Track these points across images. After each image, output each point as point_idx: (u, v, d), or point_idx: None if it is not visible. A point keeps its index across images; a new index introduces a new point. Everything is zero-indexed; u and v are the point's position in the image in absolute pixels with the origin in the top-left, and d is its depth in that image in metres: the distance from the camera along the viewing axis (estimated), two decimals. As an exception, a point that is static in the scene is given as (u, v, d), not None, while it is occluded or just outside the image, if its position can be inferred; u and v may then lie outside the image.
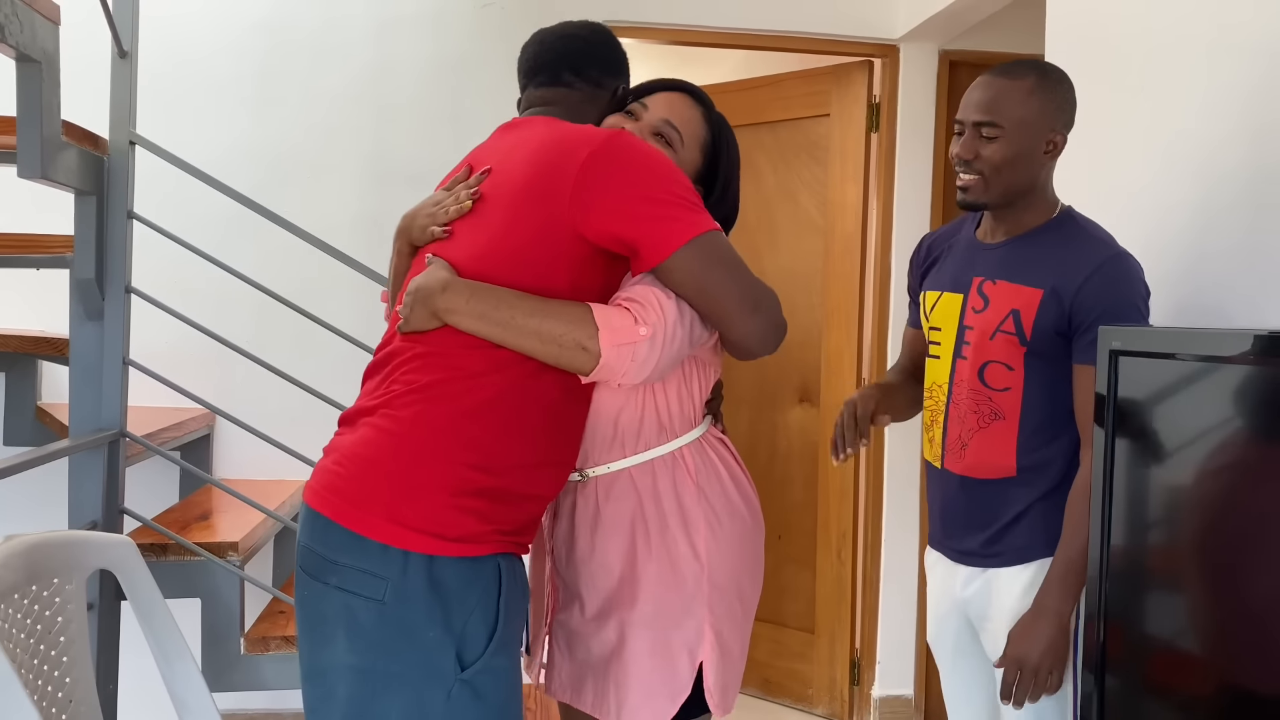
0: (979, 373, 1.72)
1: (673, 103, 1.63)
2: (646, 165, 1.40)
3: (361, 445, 1.35)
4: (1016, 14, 2.96)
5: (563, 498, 1.57)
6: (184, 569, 2.35)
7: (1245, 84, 1.74)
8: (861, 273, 3.37)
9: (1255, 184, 1.70)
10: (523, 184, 1.40)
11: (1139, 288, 1.64)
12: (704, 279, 1.37)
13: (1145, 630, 1.49)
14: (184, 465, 2.59)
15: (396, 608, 1.29)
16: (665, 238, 1.36)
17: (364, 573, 1.30)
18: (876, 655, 3.40)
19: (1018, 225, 1.73)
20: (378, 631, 1.30)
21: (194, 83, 3.11)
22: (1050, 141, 1.69)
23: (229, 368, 2.61)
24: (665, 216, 1.37)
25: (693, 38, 3.34)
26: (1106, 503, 1.50)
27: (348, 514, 1.32)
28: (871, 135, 3.35)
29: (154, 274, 2.61)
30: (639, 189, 1.38)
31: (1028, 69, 1.71)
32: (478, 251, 1.40)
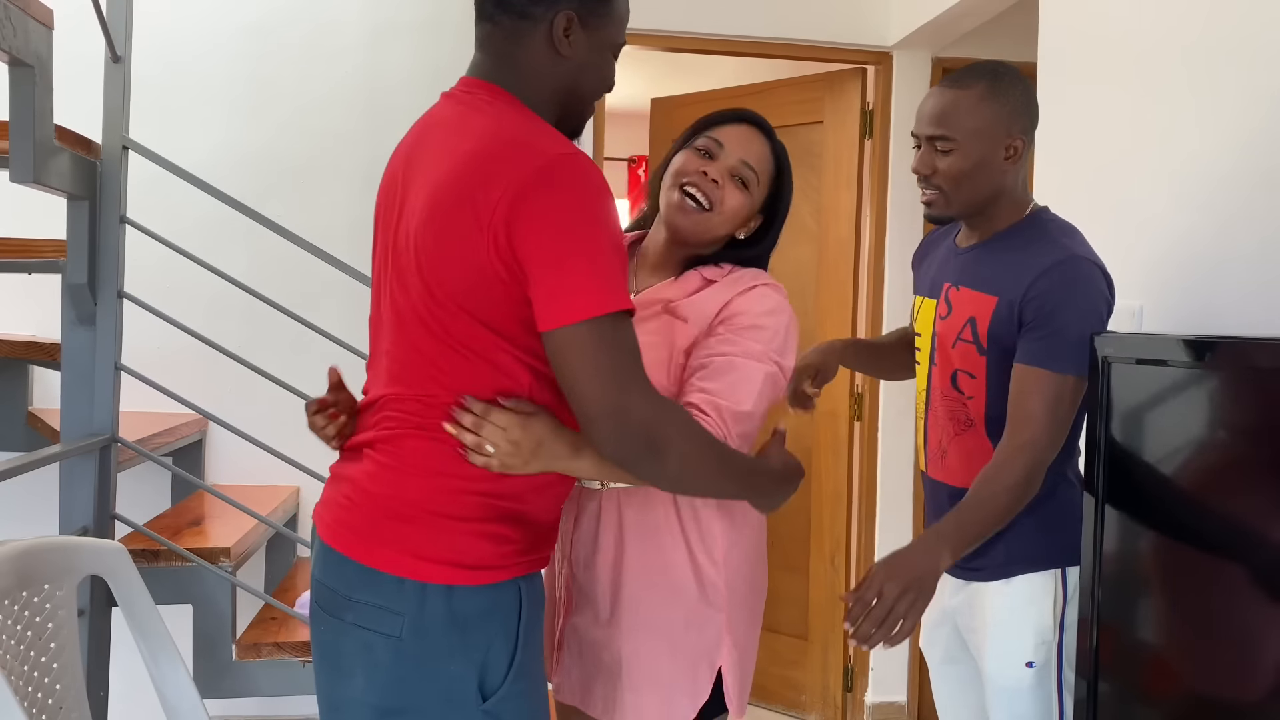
0: (951, 379, 1.71)
1: (748, 141, 1.56)
2: (582, 211, 1.20)
3: (369, 480, 1.30)
4: (1009, 21, 2.98)
5: (585, 504, 1.54)
6: (175, 575, 2.35)
7: (1237, 91, 1.75)
8: (855, 278, 3.37)
9: (1246, 190, 1.71)
10: (450, 213, 1.23)
11: (1090, 298, 1.57)
12: (575, 364, 1.19)
13: (1137, 636, 1.49)
14: (176, 471, 2.58)
15: (414, 643, 1.25)
16: (565, 306, 1.18)
17: (380, 609, 1.25)
18: (869, 662, 3.40)
19: (988, 229, 1.71)
20: (396, 668, 1.26)
21: (187, 87, 3.11)
22: (1010, 147, 1.63)
23: (222, 373, 2.60)
24: (574, 282, 1.18)
25: (687, 44, 3.35)
26: (1099, 509, 1.50)
27: (362, 549, 1.28)
28: (865, 142, 3.36)
29: (146, 278, 2.60)
30: (562, 239, 1.18)
31: (978, 75, 1.65)
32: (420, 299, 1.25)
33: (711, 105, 1.70)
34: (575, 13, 1.30)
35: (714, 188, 1.52)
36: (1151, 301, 1.90)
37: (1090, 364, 1.52)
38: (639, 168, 6.41)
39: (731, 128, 1.57)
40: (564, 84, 1.34)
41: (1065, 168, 2.24)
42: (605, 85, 1.41)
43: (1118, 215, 2.03)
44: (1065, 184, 2.23)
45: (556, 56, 1.32)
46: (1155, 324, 1.88)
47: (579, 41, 1.32)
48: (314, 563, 1.36)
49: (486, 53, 1.34)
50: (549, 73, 1.32)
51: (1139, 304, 1.91)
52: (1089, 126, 2.16)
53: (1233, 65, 1.75)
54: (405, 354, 1.30)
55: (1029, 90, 1.68)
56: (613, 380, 1.19)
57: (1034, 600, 1.64)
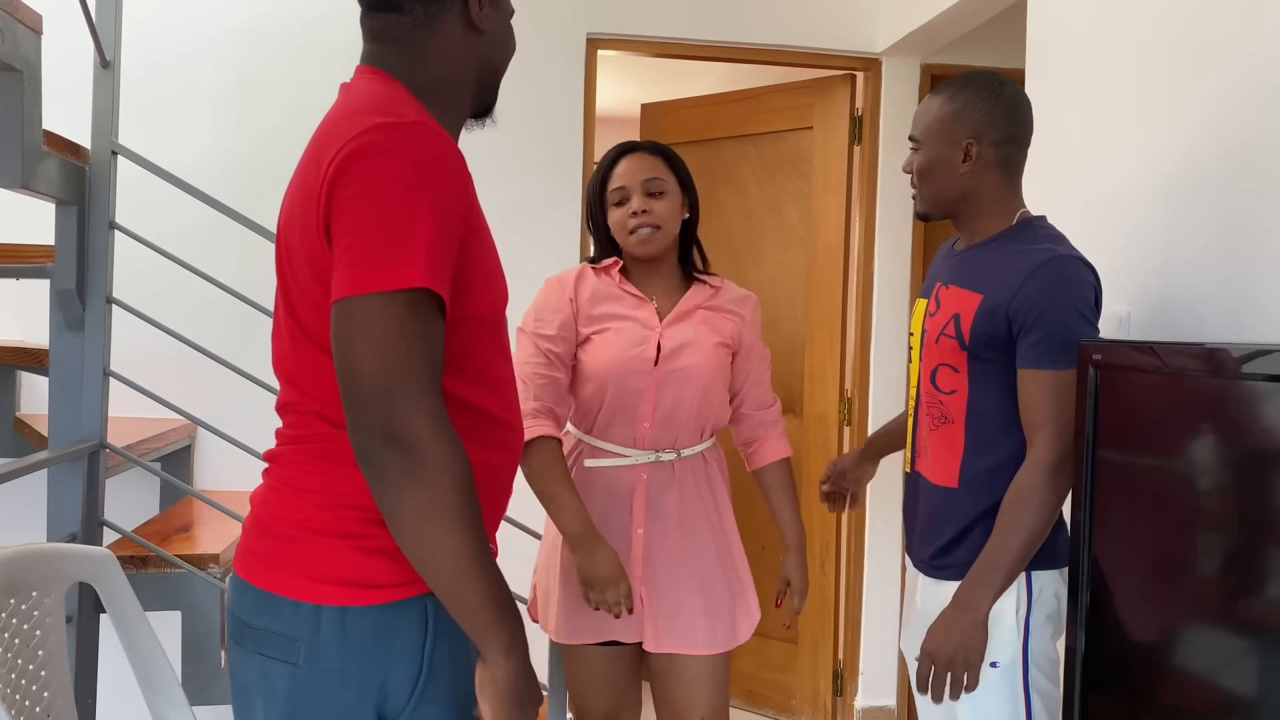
0: (931, 376, 1.75)
1: (632, 166, 1.99)
2: (396, 180, 1.11)
3: (260, 503, 1.27)
4: (997, 28, 2.99)
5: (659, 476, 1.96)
6: (164, 581, 2.34)
7: (1220, 96, 1.76)
8: (844, 284, 3.38)
9: (1227, 195, 1.72)
10: (293, 198, 1.21)
11: (1081, 290, 1.61)
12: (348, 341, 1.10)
13: (1126, 640, 1.50)
14: (164, 476, 2.57)
15: (309, 670, 1.18)
16: (356, 277, 1.09)
17: (278, 635, 1.19)
18: (859, 666, 3.41)
19: (976, 234, 1.75)
20: (291, 698, 1.19)
21: (177, 92, 3.10)
22: (966, 150, 1.69)
23: (211, 378, 2.59)
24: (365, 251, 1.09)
25: (677, 50, 3.36)
26: (1087, 513, 1.51)
27: (259, 574, 1.22)
28: (854, 148, 3.38)
29: (135, 283, 2.60)
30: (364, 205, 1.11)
31: (953, 83, 1.74)
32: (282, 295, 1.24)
33: (702, 110, 1.78)
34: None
35: (649, 215, 1.95)
36: (1139, 308, 1.91)
37: (1078, 370, 1.53)
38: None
39: (617, 169, 2.00)
40: (481, 58, 1.32)
41: (1053, 173, 2.25)
42: (512, 53, 1.39)
43: (1105, 221, 2.04)
44: (1053, 190, 2.24)
45: (474, 34, 1.30)
46: (1143, 329, 1.89)
47: (491, 13, 1.31)
48: (229, 597, 1.30)
49: (382, 41, 1.29)
50: (467, 52, 1.30)
51: (1127, 310, 1.92)
52: (1076, 133, 2.18)
53: (1216, 71, 1.76)
54: (278, 356, 1.29)
55: (1004, 100, 1.71)
56: (392, 363, 1.08)
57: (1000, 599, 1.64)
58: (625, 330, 1.95)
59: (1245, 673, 1.28)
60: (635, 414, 1.94)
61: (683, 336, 1.95)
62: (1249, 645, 1.27)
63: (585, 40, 3.25)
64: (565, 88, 3.24)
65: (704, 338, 1.96)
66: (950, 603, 1.64)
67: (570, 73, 3.25)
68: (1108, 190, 2.06)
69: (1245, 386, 1.28)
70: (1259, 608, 1.25)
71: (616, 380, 1.92)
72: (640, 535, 1.95)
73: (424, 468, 1.08)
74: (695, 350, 1.95)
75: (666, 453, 1.96)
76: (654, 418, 1.94)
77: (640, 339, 1.94)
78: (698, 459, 2.00)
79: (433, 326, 1.12)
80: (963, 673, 1.60)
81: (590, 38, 3.26)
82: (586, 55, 3.25)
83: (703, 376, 1.95)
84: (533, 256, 3.22)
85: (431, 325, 1.12)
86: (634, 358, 1.93)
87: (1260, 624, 1.25)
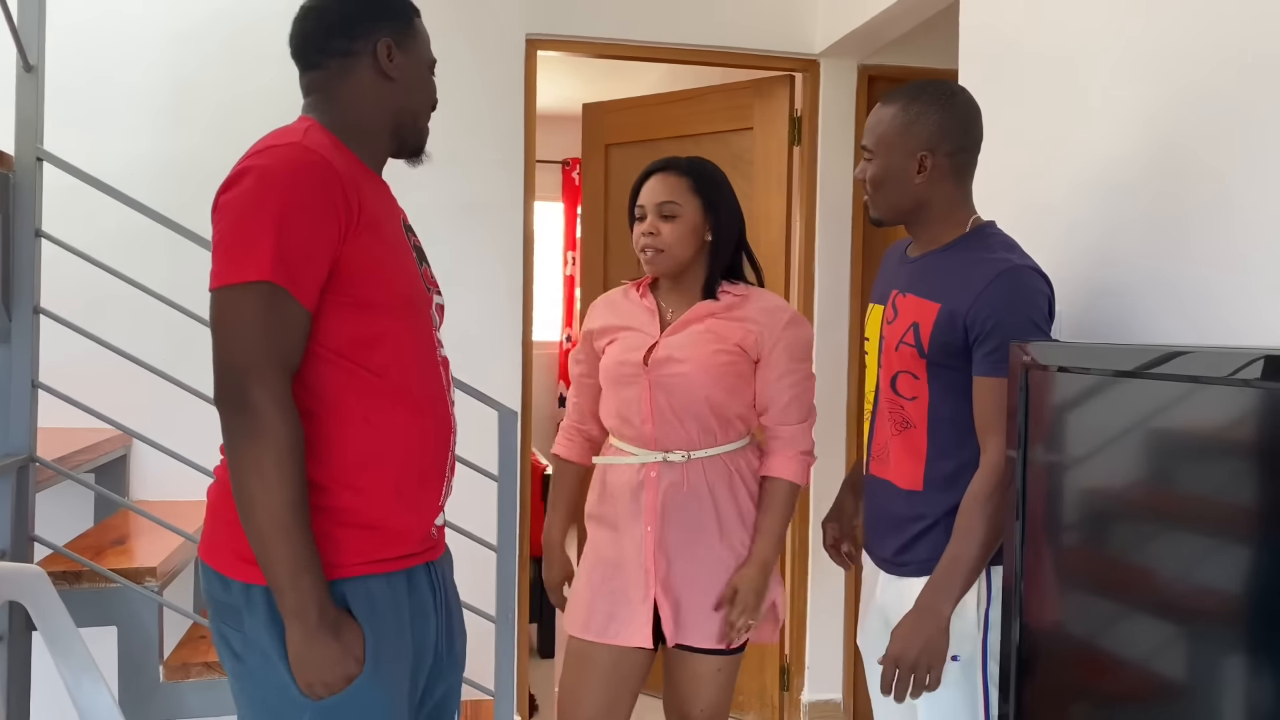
0: (891, 382, 1.78)
1: (655, 187, 2.08)
2: (253, 191, 1.33)
3: (212, 486, 1.46)
4: (933, 30, 3.04)
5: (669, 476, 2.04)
6: (99, 596, 2.28)
7: (1148, 101, 1.81)
8: (786, 282, 3.41)
9: (1155, 200, 1.77)
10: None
11: (1035, 300, 1.66)
12: (212, 327, 1.35)
13: (1060, 633, 1.54)
14: (97, 489, 2.51)
15: (254, 634, 1.36)
16: (212, 273, 1.34)
17: (226, 605, 1.38)
18: (805, 661, 3.45)
19: (930, 241, 1.78)
20: (247, 658, 1.37)
21: (107, 96, 3.02)
22: (921, 161, 1.72)
23: (145, 386, 2.54)
24: (222, 252, 1.33)
25: (617, 51, 3.36)
26: (1020, 512, 1.55)
27: (206, 553, 1.42)
28: (794, 148, 3.41)
29: (64, 292, 2.53)
30: (225, 213, 1.35)
31: (903, 92, 1.76)
32: None
33: (642, 111, 1.79)
34: (390, 38, 1.48)
35: (654, 237, 2.05)
36: (1071, 307, 1.95)
37: (1010, 371, 1.56)
38: (572, 170, 6.41)
39: (644, 187, 2.09)
40: (396, 105, 1.50)
41: (987, 174, 2.28)
42: (432, 101, 1.58)
43: (1037, 221, 2.08)
44: (987, 191, 2.28)
45: (386, 82, 1.48)
46: (1074, 329, 1.93)
47: (401, 63, 1.49)
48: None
49: (311, 94, 1.51)
50: (380, 100, 1.49)
51: (1059, 310, 1.96)
52: (1009, 134, 2.22)
53: (1148, 75, 1.81)
54: None
55: (955, 111, 1.74)
56: (238, 345, 1.31)
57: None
58: (628, 339, 2.10)
59: (1172, 659, 1.32)
60: (635, 415, 2.07)
61: (677, 343, 2.05)
62: (1175, 632, 1.31)
63: (525, 41, 3.23)
64: (505, 88, 3.22)
65: (701, 344, 2.03)
66: (913, 608, 1.67)
67: (510, 73, 3.23)
68: (1039, 191, 2.10)
69: (1164, 386, 1.32)
70: (1182, 597, 1.29)
71: (613, 384, 2.10)
72: (650, 533, 2.04)
73: (256, 434, 1.29)
74: (687, 356, 2.03)
75: (675, 453, 2.04)
76: (652, 419, 2.05)
77: (636, 346, 2.08)
78: (716, 462, 2.05)
79: (282, 314, 1.32)
80: (925, 675, 1.65)
81: (530, 38, 3.24)
82: (526, 55, 3.24)
83: (694, 380, 2.02)
84: (477, 255, 3.21)
85: (280, 313, 1.31)
86: (624, 362, 2.07)
87: (1181, 611, 1.29)
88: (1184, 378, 1.28)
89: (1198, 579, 1.27)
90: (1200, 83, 1.67)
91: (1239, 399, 1.20)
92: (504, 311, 3.24)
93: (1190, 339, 1.65)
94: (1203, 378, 1.25)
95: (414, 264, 1.52)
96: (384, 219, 1.46)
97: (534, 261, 3.31)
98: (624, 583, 2.06)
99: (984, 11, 2.35)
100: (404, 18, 1.51)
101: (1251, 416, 1.19)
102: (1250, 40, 1.57)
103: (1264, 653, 1.16)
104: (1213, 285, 1.62)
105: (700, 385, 2.02)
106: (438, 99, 1.60)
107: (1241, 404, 1.20)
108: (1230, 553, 1.23)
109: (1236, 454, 1.22)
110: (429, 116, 1.58)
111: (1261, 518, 1.18)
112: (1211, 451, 1.26)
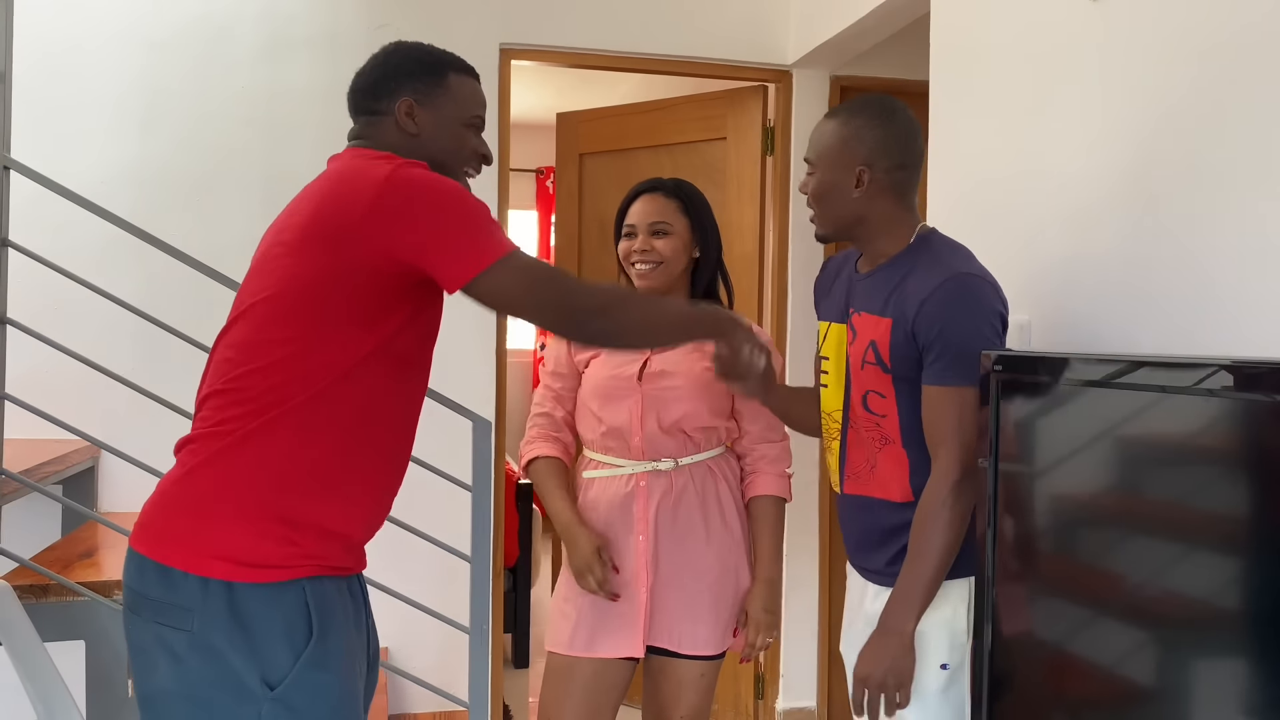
0: (863, 401, 1.78)
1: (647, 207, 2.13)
2: (434, 193, 1.43)
3: (170, 482, 1.45)
4: (904, 41, 3.06)
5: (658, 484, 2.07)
6: (66, 610, 2.25)
7: (1118, 112, 1.83)
8: (760, 294, 3.43)
9: (1123, 205, 1.79)
10: (308, 226, 1.45)
11: (981, 305, 1.65)
12: (513, 299, 1.45)
13: (1031, 641, 1.55)
14: (65, 501, 2.48)
15: (203, 635, 1.36)
16: (464, 265, 1.41)
17: (173, 605, 1.37)
18: (780, 669, 3.45)
19: (877, 255, 1.78)
20: (191, 658, 1.36)
21: (78, 103, 2.99)
22: (858, 177, 1.72)
23: (113, 396, 2.51)
24: (459, 244, 1.41)
25: (590, 61, 3.36)
26: (992, 521, 1.56)
27: (155, 549, 1.40)
28: (766, 158, 3.42)
29: (31, 301, 2.50)
30: (429, 218, 1.41)
31: (844, 108, 1.78)
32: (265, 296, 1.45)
33: (615, 120, 1.80)
34: (412, 98, 1.58)
35: (645, 254, 2.11)
36: (1039, 316, 1.97)
37: (981, 378, 1.58)
38: (546, 179, 6.41)
39: (634, 206, 2.16)
40: (425, 153, 1.56)
41: (956, 184, 2.31)
42: (466, 156, 1.64)
43: (1006, 231, 2.10)
44: (956, 200, 2.31)
45: (408, 137, 1.58)
46: (1044, 338, 1.96)
47: (424, 120, 1.59)
48: (124, 569, 1.46)
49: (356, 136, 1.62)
50: (406, 152, 1.55)
51: (1027, 318, 1.98)
52: (978, 144, 2.24)
53: (1118, 85, 1.83)
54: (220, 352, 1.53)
55: (894, 126, 1.74)
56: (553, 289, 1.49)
57: (948, 603, 1.69)
58: (614, 355, 2.13)
59: (1143, 664, 1.34)
60: (626, 429, 2.09)
61: (669, 359, 2.10)
62: (1144, 638, 1.33)
63: (499, 50, 3.23)
64: (479, 98, 3.22)
65: (691, 359, 2.09)
66: (877, 628, 1.68)
67: (484, 83, 3.21)
68: (1007, 200, 2.12)
69: (1133, 396, 1.33)
70: (1155, 603, 1.31)
71: (601, 400, 2.11)
72: (642, 542, 2.06)
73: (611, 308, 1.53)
74: (679, 370, 2.08)
75: (664, 461, 2.08)
76: (642, 433, 2.08)
77: (626, 360, 2.11)
78: (701, 467, 2.10)
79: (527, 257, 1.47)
80: (894, 693, 1.66)
81: (503, 48, 3.24)
82: (500, 65, 3.24)
83: (686, 394, 2.07)
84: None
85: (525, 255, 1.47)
86: (616, 377, 2.10)
87: (1156, 617, 1.31)
88: (1150, 387, 1.30)
89: (1172, 584, 1.28)
90: (1168, 94, 1.70)
91: (1203, 407, 1.22)
92: (479, 320, 3.22)
93: (1157, 346, 1.67)
94: (1170, 387, 1.26)
95: None
96: None
97: (508, 270, 3.30)
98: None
99: (954, 23, 2.38)
100: (432, 76, 1.60)
101: (1215, 424, 1.21)
102: (1217, 54, 1.60)
103: (1248, 657, 1.17)
104: (1179, 293, 1.65)
105: (691, 399, 2.07)
106: (488, 152, 1.67)
107: (1206, 413, 1.22)
108: (1206, 560, 1.25)
109: (1203, 461, 1.24)
110: (465, 167, 1.64)
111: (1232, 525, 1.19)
112: (1176, 458, 1.28)
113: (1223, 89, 1.58)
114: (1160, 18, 1.72)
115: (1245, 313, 1.52)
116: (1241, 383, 1.16)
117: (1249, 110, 1.53)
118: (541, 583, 4.52)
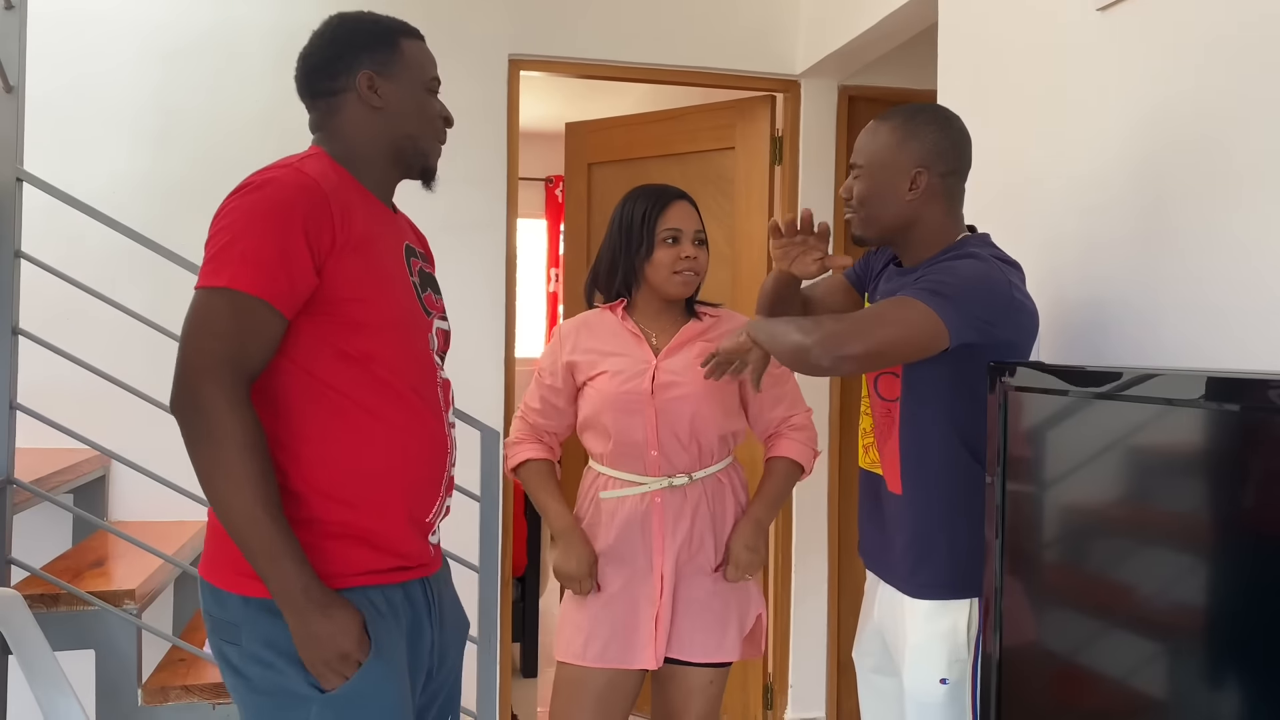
0: (874, 384, 1.80)
1: (688, 214, 2.13)
2: (236, 203, 1.41)
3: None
4: (912, 51, 3.07)
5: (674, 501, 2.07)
6: (76, 619, 2.26)
7: (1126, 119, 1.83)
8: (768, 302, 3.42)
9: (1134, 218, 1.79)
10: None
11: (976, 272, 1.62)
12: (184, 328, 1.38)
13: (1038, 653, 1.54)
14: (75, 511, 2.49)
15: (250, 647, 1.41)
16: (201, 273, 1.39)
17: (225, 622, 1.43)
18: (789, 679, 3.45)
19: (915, 257, 1.77)
20: (246, 669, 1.41)
21: (88, 115, 3.01)
22: (914, 180, 1.72)
23: (124, 406, 2.52)
24: (209, 257, 1.39)
25: (599, 72, 3.38)
26: (999, 532, 1.55)
27: (207, 571, 1.46)
28: (775, 168, 3.43)
29: (44, 312, 2.52)
30: (221, 219, 1.41)
31: (899, 112, 1.76)
32: None
33: (626, 130, 1.79)
34: (370, 70, 1.52)
35: (693, 262, 2.11)
36: (1048, 327, 1.97)
37: (989, 389, 1.57)
38: (555, 188, 6.42)
39: (672, 211, 2.11)
40: (391, 132, 1.54)
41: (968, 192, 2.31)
42: (432, 120, 1.59)
43: (1012, 241, 2.09)
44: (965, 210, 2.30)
45: (374, 112, 1.53)
46: (1052, 349, 1.95)
47: (388, 91, 1.53)
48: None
49: (317, 131, 1.57)
50: (373, 130, 1.53)
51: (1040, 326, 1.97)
52: (986, 153, 2.23)
53: (1126, 93, 1.83)
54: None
55: (949, 133, 1.75)
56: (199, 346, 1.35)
57: (949, 618, 1.69)
58: (622, 368, 2.09)
59: (1150, 679, 1.33)
60: (641, 444, 2.07)
61: (676, 367, 2.09)
62: (1151, 651, 1.32)
63: (507, 61, 3.25)
64: (488, 108, 3.23)
65: (698, 366, 2.04)
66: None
67: (493, 93, 3.24)
68: (1017, 209, 2.12)
69: (1141, 408, 1.33)
70: (1163, 614, 1.30)
71: (615, 414, 2.07)
72: (660, 564, 2.06)
73: (213, 437, 1.32)
74: (687, 379, 2.07)
75: (679, 477, 2.07)
76: (659, 446, 2.07)
77: (636, 373, 2.08)
78: (713, 480, 2.11)
79: (249, 320, 1.36)
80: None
81: (512, 59, 3.26)
82: (509, 76, 3.25)
83: (696, 401, 2.06)
84: (461, 274, 3.20)
85: (248, 319, 1.36)
86: (629, 391, 2.07)
87: (1161, 629, 1.30)
88: (1158, 400, 1.29)
89: (1179, 598, 1.28)
90: (1175, 104, 1.70)
91: (1210, 420, 1.21)
92: (487, 329, 3.24)
93: (1166, 358, 1.67)
94: (1177, 400, 1.26)
95: (408, 288, 1.55)
96: (377, 242, 1.50)
97: (517, 278, 3.32)
98: (627, 608, 2.06)
99: (962, 32, 2.38)
100: (386, 46, 1.54)
101: (1223, 437, 1.21)
102: (1223, 62, 1.59)
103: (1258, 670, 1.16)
104: (1189, 305, 1.64)
105: (702, 405, 2.07)
106: (449, 114, 1.62)
107: (1213, 425, 1.21)
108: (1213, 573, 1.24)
109: (1211, 473, 1.23)
110: (434, 136, 1.60)
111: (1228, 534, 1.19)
112: (1183, 471, 1.28)
113: (1229, 98, 1.58)
114: (1166, 27, 1.71)
115: (1253, 324, 1.52)
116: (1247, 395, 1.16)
117: (1256, 117, 1.53)
118: (550, 592, 4.52)
